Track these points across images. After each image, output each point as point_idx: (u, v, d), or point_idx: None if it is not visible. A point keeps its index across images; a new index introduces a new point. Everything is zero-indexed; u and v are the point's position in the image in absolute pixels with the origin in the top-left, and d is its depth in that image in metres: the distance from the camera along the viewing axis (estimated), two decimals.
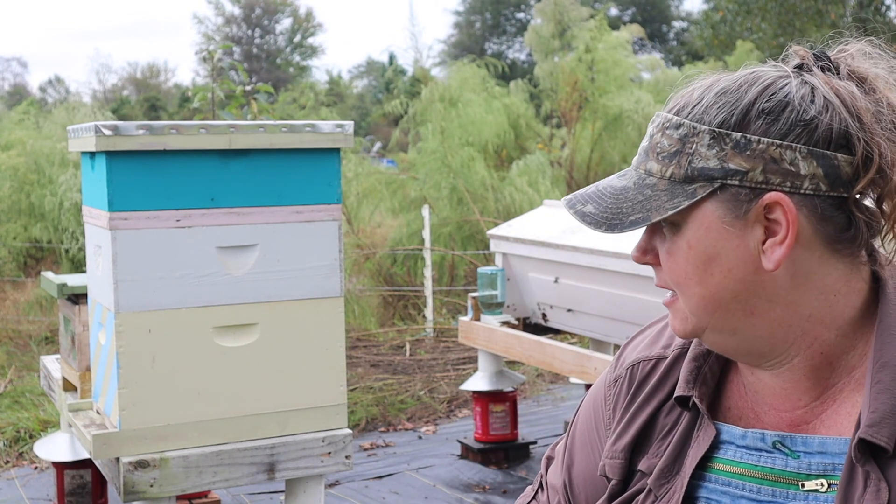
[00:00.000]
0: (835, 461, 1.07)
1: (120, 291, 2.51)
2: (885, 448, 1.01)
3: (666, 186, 1.07)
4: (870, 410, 1.03)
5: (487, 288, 4.57)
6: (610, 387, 1.29)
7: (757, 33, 20.11)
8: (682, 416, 1.18)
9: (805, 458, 1.09)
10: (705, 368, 1.17)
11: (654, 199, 1.07)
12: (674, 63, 29.68)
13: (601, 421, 1.29)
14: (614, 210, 1.08)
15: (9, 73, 52.05)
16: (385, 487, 4.42)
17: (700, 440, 1.15)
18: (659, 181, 1.07)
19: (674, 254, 1.09)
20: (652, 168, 1.08)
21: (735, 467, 1.12)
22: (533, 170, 9.61)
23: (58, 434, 3.70)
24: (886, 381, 1.04)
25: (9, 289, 8.94)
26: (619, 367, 1.29)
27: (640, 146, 1.13)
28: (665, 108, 1.13)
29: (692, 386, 1.16)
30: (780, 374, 1.11)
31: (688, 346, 1.22)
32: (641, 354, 1.27)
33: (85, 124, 2.57)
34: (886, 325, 1.08)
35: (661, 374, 1.23)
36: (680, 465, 1.15)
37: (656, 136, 1.10)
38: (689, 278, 1.08)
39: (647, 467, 1.19)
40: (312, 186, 2.71)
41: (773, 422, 1.12)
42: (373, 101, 35.85)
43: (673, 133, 1.08)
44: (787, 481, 1.09)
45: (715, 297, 1.08)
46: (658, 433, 1.20)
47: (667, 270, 1.10)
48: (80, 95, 33.93)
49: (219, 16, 46.35)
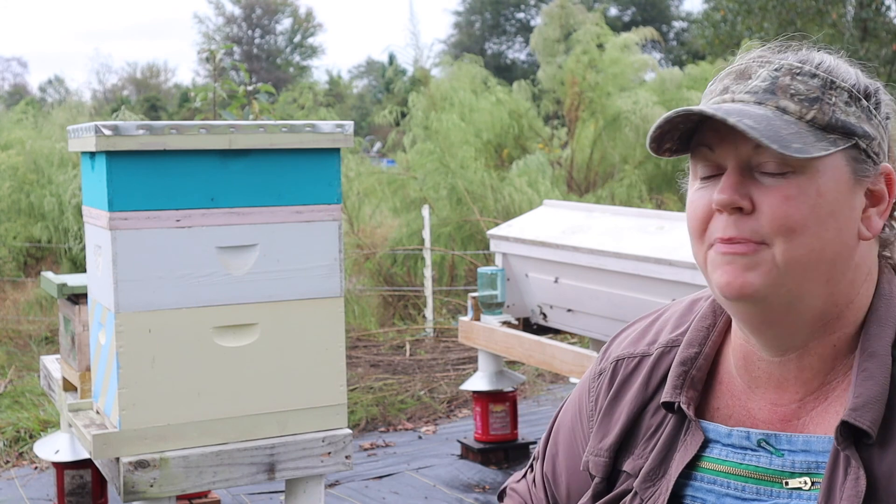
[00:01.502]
0: (818, 459, 1.08)
1: (120, 291, 2.51)
2: (868, 433, 1.02)
3: (806, 128, 1.05)
4: (854, 396, 1.04)
5: (487, 288, 4.57)
6: (594, 379, 1.30)
7: (758, 33, 20.10)
8: (667, 417, 1.18)
9: (789, 456, 1.09)
10: (693, 372, 1.17)
11: (802, 136, 1.04)
12: (674, 63, 29.67)
13: (584, 412, 1.30)
14: (773, 131, 1.03)
15: (9, 73, 52.10)
16: (385, 487, 4.42)
17: (687, 445, 1.15)
18: (798, 121, 1.05)
19: (795, 199, 1.04)
20: (788, 107, 1.06)
21: (721, 465, 1.13)
22: (533, 170, 9.61)
23: (58, 434, 3.69)
24: (872, 369, 1.06)
25: (9, 289, 8.94)
26: (605, 360, 1.30)
27: (751, 84, 1.08)
28: (766, 57, 1.10)
29: (680, 391, 1.16)
30: (789, 360, 1.11)
31: (672, 343, 1.22)
32: (626, 351, 1.27)
33: (85, 124, 2.56)
34: (877, 316, 1.09)
35: (646, 372, 1.23)
36: (666, 468, 1.16)
37: (784, 79, 1.07)
38: (806, 227, 1.04)
39: (633, 468, 1.19)
40: (312, 186, 2.71)
41: (766, 417, 1.13)
42: (373, 101, 35.84)
43: (808, 80, 1.07)
44: (771, 479, 1.10)
45: (821, 253, 1.05)
46: (643, 434, 1.20)
47: (778, 216, 1.04)
48: (81, 95, 33.92)
49: (219, 16, 46.37)
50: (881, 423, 1.03)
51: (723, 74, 1.13)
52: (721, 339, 1.20)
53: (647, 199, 10.16)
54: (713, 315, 1.21)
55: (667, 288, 3.63)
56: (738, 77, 1.09)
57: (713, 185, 1.08)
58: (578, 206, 4.85)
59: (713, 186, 1.08)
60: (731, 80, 1.10)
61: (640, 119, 10.31)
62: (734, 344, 1.17)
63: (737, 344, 1.16)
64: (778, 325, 1.08)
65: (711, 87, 1.13)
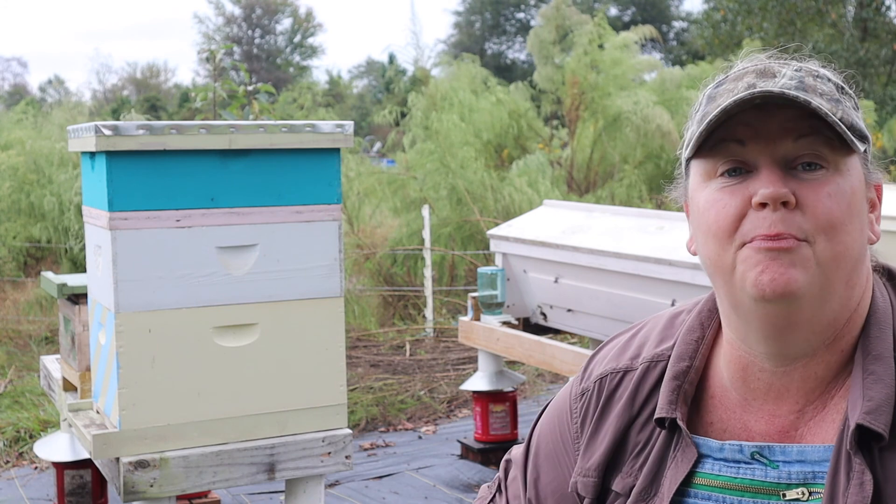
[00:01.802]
0: (814, 469, 1.07)
1: (120, 291, 2.51)
2: (881, 435, 1.02)
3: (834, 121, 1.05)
4: (865, 399, 1.03)
5: (487, 288, 4.57)
6: (577, 399, 1.26)
7: (758, 33, 20.11)
8: (655, 433, 1.16)
9: (784, 467, 1.08)
10: (685, 387, 1.15)
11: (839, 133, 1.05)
12: (674, 63, 29.67)
13: (568, 434, 1.27)
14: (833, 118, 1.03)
15: (9, 73, 52.10)
16: (385, 487, 4.42)
17: (679, 461, 1.13)
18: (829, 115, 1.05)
19: (836, 196, 1.04)
20: (822, 105, 1.04)
21: (715, 480, 1.11)
22: (533, 170, 9.61)
23: (58, 434, 3.69)
24: (880, 372, 1.05)
25: (9, 289, 8.94)
26: (587, 379, 1.26)
27: (780, 81, 1.05)
28: (768, 61, 1.10)
29: (675, 407, 1.14)
30: (794, 370, 1.10)
31: (658, 358, 1.20)
32: (608, 367, 1.24)
33: (85, 124, 2.56)
34: (876, 319, 1.09)
35: (632, 388, 1.20)
36: (658, 486, 1.14)
37: (808, 79, 1.06)
38: (844, 225, 1.04)
39: (622, 487, 1.17)
40: (312, 186, 2.71)
41: (763, 430, 1.11)
42: (373, 101, 35.85)
43: (826, 83, 1.07)
44: (767, 492, 1.09)
45: (850, 252, 1.06)
46: (631, 451, 1.18)
47: (822, 212, 1.03)
48: (81, 95, 33.93)
49: (219, 16, 46.38)
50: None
51: (738, 73, 1.09)
52: (709, 351, 1.18)
53: (646, 199, 10.17)
54: (701, 328, 1.19)
55: (667, 288, 3.63)
56: (760, 75, 1.07)
57: (741, 183, 1.05)
58: (578, 206, 4.85)
59: (741, 183, 1.05)
60: (754, 77, 1.07)
61: (641, 119, 10.31)
62: (729, 356, 1.14)
63: (733, 356, 1.14)
64: (800, 328, 1.06)
65: (724, 87, 1.09)
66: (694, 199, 1.11)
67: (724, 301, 1.11)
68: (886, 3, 20.45)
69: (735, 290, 1.06)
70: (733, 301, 1.08)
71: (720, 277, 1.08)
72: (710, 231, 1.07)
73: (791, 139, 1.04)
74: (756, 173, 1.05)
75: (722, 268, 1.07)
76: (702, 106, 1.11)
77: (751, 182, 1.04)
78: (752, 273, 1.03)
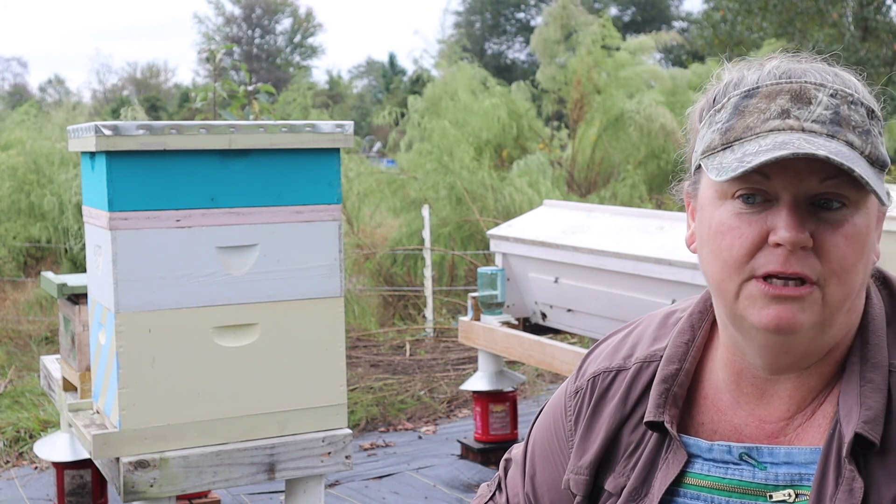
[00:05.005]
0: (801, 471, 1.07)
1: (120, 291, 2.51)
2: (874, 443, 1.02)
3: (866, 164, 1.01)
4: (864, 408, 1.04)
5: (487, 288, 4.57)
6: (571, 398, 1.27)
7: (758, 33, 20.11)
8: (647, 434, 1.17)
9: (772, 468, 1.09)
10: (674, 389, 1.15)
11: (868, 174, 1.00)
12: (674, 63, 29.67)
13: (562, 432, 1.28)
14: (867, 174, 0.99)
15: (9, 73, 52.12)
16: (385, 487, 4.42)
17: (669, 463, 1.13)
18: (860, 156, 1.01)
19: (853, 240, 1.02)
20: (854, 142, 1.02)
21: (703, 480, 1.12)
22: (533, 170, 9.61)
23: (58, 434, 3.69)
24: (878, 381, 1.05)
25: (9, 289, 8.94)
26: (580, 378, 1.27)
27: (815, 112, 1.01)
28: (811, 75, 1.03)
29: (663, 410, 1.14)
30: (788, 378, 1.10)
31: (650, 358, 1.20)
32: (602, 366, 1.25)
33: (85, 124, 2.56)
34: (874, 326, 1.09)
35: (624, 387, 1.20)
36: (648, 486, 1.14)
37: (844, 108, 1.02)
38: (856, 268, 1.02)
39: (614, 487, 1.18)
40: (312, 186, 2.71)
41: (752, 433, 1.12)
42: (373, 102, 35.86)
43: (859, 109, 1.03)
44: (754, 493, 1.09)
45: (858, 286, 1.04)
46: (623, 451, 1.18)
47: (838, 258, 1.01)
48: (81, 95, 33.93)
49: (219, 16, 46.39)
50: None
51: (770, 89, 1.04)
52: (700, 353, 1.18)
53: (647, 200, 10.17)
54: (691, 330, 1.18)
55: (667, 288, 3.63)
56: (795, 99, 1.02)
57: (759, 213, 1.02)
58: (578, 206, 4.85)
59: (760, 214, 1.02)
60: (788, 101, 1.02)
61: (645, 119, 10.30)
62: (724, 360, 1.14)
63: (728, 360, 1.14)
64: (798, 352, 1.07)
65: (753, 102, 1.04)
66: (704, 210, 1.08)
67: (722, 314, 1.11)
68: (887, 3, 20.46)
69: (735, 313, 1.06)
70: (732, 319, 1.07)
71: (721, 297, 1.07)
72: (720, 256, 1.05)
73: (817, 179, 1.00)
74: (776, 207, 1.01)
75: (725, 292, 1.05)
76: (726, 112, 1.05)
77: (770, 215, 1.01)
78: (754, 309, 1.02)
